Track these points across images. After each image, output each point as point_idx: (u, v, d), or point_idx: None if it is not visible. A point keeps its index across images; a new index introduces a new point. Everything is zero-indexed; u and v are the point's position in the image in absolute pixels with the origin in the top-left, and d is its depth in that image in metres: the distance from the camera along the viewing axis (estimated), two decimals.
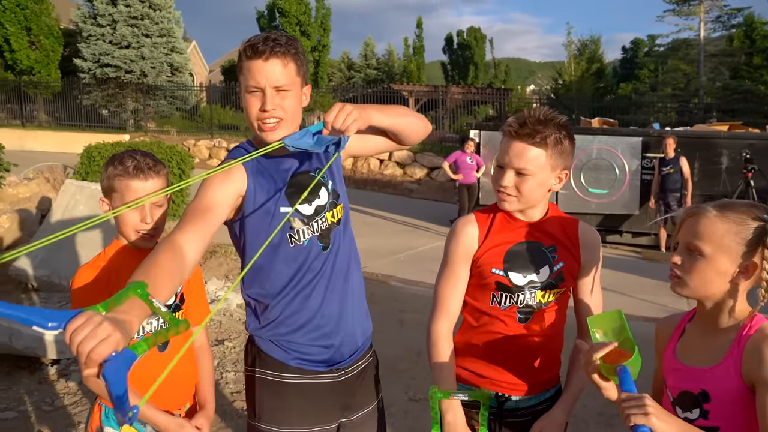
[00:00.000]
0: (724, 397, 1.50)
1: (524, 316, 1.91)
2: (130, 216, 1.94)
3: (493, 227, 1.94)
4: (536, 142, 1.84)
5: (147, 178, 1.95)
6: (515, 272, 1.89)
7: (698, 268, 1.53)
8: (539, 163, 1.86)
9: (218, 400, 4.06)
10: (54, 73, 25.40)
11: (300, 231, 1.87)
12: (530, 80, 67.37)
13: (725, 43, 28.94)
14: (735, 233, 1.50)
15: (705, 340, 1.60)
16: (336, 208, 1.96)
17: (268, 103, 1.78)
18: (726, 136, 10.94)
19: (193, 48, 38.19)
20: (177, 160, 9.18)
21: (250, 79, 1.79)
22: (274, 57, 1.76)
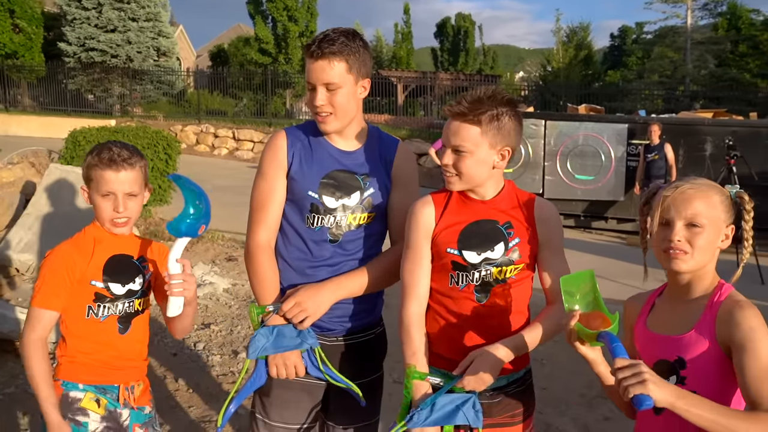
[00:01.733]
0: (699, 363, 1.55)
1: (481, 294, 1.92)
2: (104, 205, 2.03)
3: (448, 207, 1.97)
4: (469, 119, 1.87)
5: (119, 169, 2.01)
6: (469, 250, 1.92)
7: (701, 241, 1.59)
8: (475, 141, 1.88)
9: (204, 383, 4.11)
10: (37, 57, 25.06)
11: (317, 217, 2.06)
12: (519, 67, 67.27)
13: (711, 31, 29.04)
14: (720, 202, 1.61)
15: (676, 310, 1.66)
16: (363, 215, 2.10)
17: (317, 98, 2.01)
18: (710, 123, 11.03)
19: (180, 32, 37.83)
20: (163, 144, 9.13)
21: (307, 77, 2.04)
22: (322, 58, 1.98)
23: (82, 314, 2.02)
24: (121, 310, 2.07)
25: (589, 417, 3.89)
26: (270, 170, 2.09)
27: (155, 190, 9.12)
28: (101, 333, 2.04)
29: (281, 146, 2.09)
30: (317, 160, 2.08)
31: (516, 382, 2.00)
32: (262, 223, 2.09)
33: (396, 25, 35.23)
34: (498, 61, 39.58)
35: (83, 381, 2.04)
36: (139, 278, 2.12)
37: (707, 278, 1.64)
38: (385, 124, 21.09)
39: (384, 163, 2.15)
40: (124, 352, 2.09)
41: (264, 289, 2.06)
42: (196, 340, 4.77)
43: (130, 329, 2.10)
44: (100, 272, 2.03)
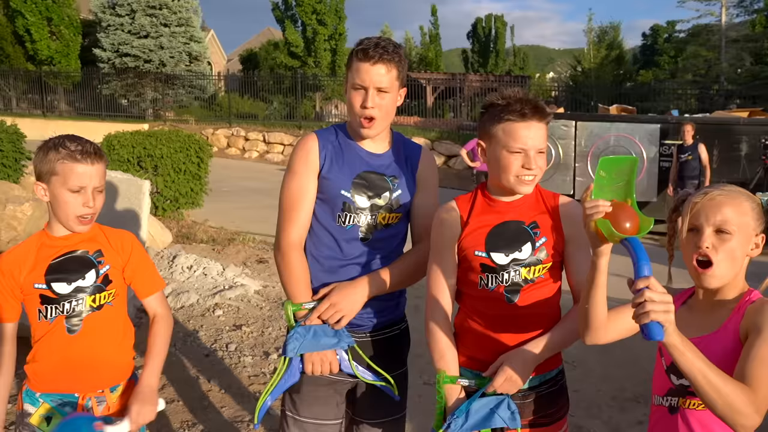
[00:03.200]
0: (719, 359, 1.52)
1: (511, 295, 1.94)
2: (73, 201, 1.94)
3: (474, 211, 1.99)
4: (545, 121, 1.94)
5: (93, 162, 1.96)
6: (497, 252, 1.94)
7: (730, 249, 1.57)
8: (545, 142, 1.95)
9: (236, 384, 4.16)
10: (74, 63, 25.63)
11: (348, 216, 2.12)
12: (549, 67, 66.76)
13: (748, 28, 28.41)
14: (750, 209, 1.59)
15: (703, 315, 1.65)
16: (391, 214, 2.17)
17: (369, 100, 2.06)
18: (745, 123, 10.80)
19: (211, 37, 38.31)
20: (195, 148, 9.27)
21: (357, 78, 2.07)
22: (380, 62, 2.06)
23: (35, 318, 1.99)
24: (68, 309, 1.97)
25: (621, 420, 3.85)
26: (302, 170, 2.13)
27: (187, 193, 9.25)
28: (52, 336, 1.98)
29: (312, 147, 2.14)
30: (348, 162, 2.14)
31: (548, 382, 2.01)
32: (294, 222, 2.13)
33: (422, 27, 35.23)
34: (528, 61, 39.27)
35: (43, 389, 2.01)
36: (91, 273, 2.01)
37: (737, 287, 1.62)
38: (415, 126, 21.08)
39: (409, 165, 2.23)
40: (81, 353, 1.99)
41: (297, 286, 2.10)
42: (228, 341, 4.83)
43: (83, 328, 1.99)
44: (42, 274, 1.96)
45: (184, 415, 3.69)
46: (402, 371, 2.29)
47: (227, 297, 5.74)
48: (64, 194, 1.93)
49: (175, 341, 4.77)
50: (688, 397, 1.60)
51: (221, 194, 11.53)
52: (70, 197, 1.93)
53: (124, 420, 1.90)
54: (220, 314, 5.40)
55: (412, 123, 21.85)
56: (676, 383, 1.63)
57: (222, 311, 5.45)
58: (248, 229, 8.86)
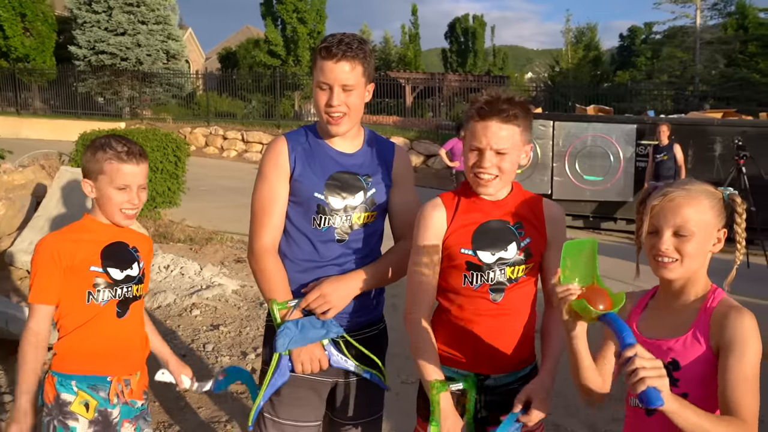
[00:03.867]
0: (692, 365, 1.56)
1: (496, 294, 1.94)
2: (118, 197, 2.08)
3: (460, 208, 1.98)
4: (509, 118, 1.87)
5: (139, 162, 2.11)
6: (483, 251, 1.94)
7: (691, 247, 1.59)
8: (515, 140, 1.91)
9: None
10: (49, 60, 25.26)
11: (323, 218, 2.11)
12: (528, 68, 67.16)
13: (721, 31, 28.86)
14: (710, 207, 1.60)
15: (669, 315, 1.67)
16: (366, 214, 2.16)
17: (334, 99, 2.05)
18: (719, 123, 10.98)
19: (189, 35, 38.00)
20: (173, 147, 9.19)
21: (321, 77, 2.06)
22: (344, 60, 2.03)
23: (82, 300, 2.06)
24: (120, 294, 2.12)
25: (598, 418, 3.88)
26: (272, 174, 2.12)
27: (164, 192, 9.17)
28: (100, 318, 2.08)
29: (282, 150, 2.13)
30: (320, 163, 2.13)
31: (523, 379, 2.02)
32: (267, 226, 2.12)
33: (403, 26, 35.25)
34: (507, 62, 39.46)
35: (78, 371, 2.06)
36: (136, 265, 2.18)
37: (699, 282, 1.65)
38: (394, 126, 21.10)
39: (383, 163, 2.23)
40: (122, 337, 2.14)
41: (276, 288, 2.09)
42: (206, 341, 4.80)
43: (128, 314, 2.15)
44: (98, 258, 2.08)
45: (160, 416, 3.65)
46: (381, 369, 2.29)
47: (204, 297, 5.70)
48: (110, 191, 2.08)
49: None
50: None
51: (199, 193, 11.44)
52: (116, 194, 2.08)
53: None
54: (198, 314, 5.36)
55: (391, 122, 21.87)
56: None
57: (199, 311, 5.41)
58: (226, 228, 8.80)
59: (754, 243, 8.45)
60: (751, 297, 5.56)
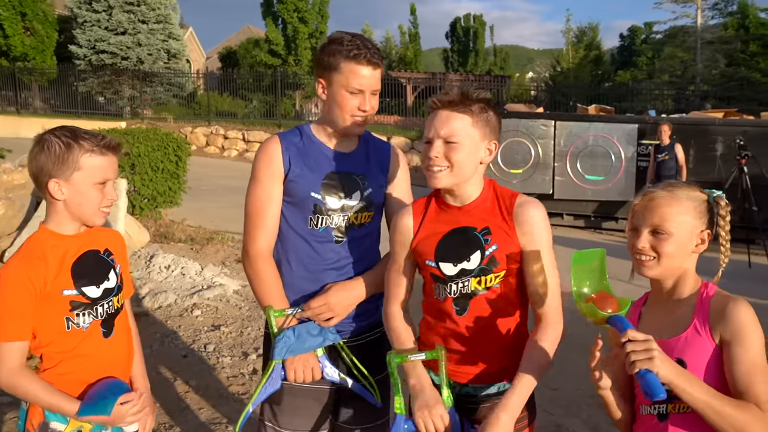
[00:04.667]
0: (698, 360, 1.57)
1: (460, 307, 1.87)
2: (96, 196, 1.86)
3: (427, 216, 1.94)
4: (460, 109, 1.83)
5: (117, 153, 1.91)
6: (446, 262, 1.87)
7: (668, 248, 1.62)
8: (466, 130, 1.82)
9: (214, 385, 4.12)
10: (49, 59, 25.23)
11: (320, 218, 2.09)
12: (529, 67, 67.15)
13: (722, 31, 28.84)
14: (692, 208, 1.63)
15: (666, 315, 1.68)
16: (364, 213, 2.14)
17: (367, 104, 2.07)
18: (720, 123, 10.95)
19: (189, 34, 37.98)
20: (173, 146, 9.18)
21: (354, 82, 2.04)
22: (378, 68, 2.08)
23: (61, 329, 1.84)
24: (102, 312, 1.90)
25: (600, 418, 3.87)
26: (265, 176, 2.09)
27: (165, 192, 9.16)
28: (87, 343, 1.88)
29: (275, 151, 2.09)
30: (315, 163, 2.11)
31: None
32: (261, 229, 2.09)
33: (401, 26, 35.20)
34: (509, 61, 39.44)
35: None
36: (112, 273, 1.96)
37: (689, 282, 1.67)
38: (395, 125, 21.08)
39: (378, 163, 2.21)
40: (112, 357, 1.95)
41: (271, 294, 2.07)
42: (207, 342, 4.79)
43: (115, 331, 1.95)
44: (69, 278, 1.84)
45: (161, 417, 3.64)
46: (383, 375, 2.26)
47: (206, 297, 5.69)
48: (88, 189, 1.84)
49: (152, 342, 4.72)
50: (676, 401, 1.58)
51: (200, 193, 11.43)
52: (94, 191, 1.85)
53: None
54: (199, 314, 5.35)
55: (392, 122, 21.85)
56: None
57: (200, 311, 5.40)
58: (227, 228, 8.79)
59: (755, 243, 8.42)
60: (752, 297, 5.54)
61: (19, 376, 1.78)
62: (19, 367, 1.78)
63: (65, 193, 1.83)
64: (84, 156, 1.83)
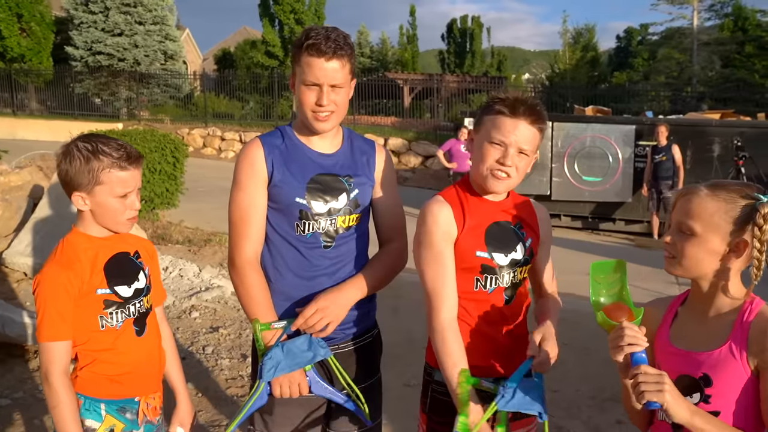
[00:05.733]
0: (727, 382, 1.49)
1: (509, 296, 1.93)
2: (120, 206, 1.90)
3: (467, 208, 1.92)
4: (537, 122, 1.86)
5: (138, 166, 1.93)
6: (498, 252, 1.90)
7: (689, 247, 1.54)
8: (536, 145, 1.90)
9: (213, 387, 4.10)
10: (46, 61, 25.20)
11: (307, 224, 2.02)
12: (525, 69, 67.26)
13: (718, 32, 28.94)
14: (724, 212, 1.51)
15: (702, 324, 1.59)
16: (351, 216, 2.08)
17: (324, 98, 1.96)
18: (717, 124, 10.99)
19: (186, 36, 37.96)
20: (171, 148, 9.15)
21: (310, 75, 1.95)
22: (335, 58, 1.94)
23: (95, 327, 1.91)
24: (134, 312, 1.98)
25: (601, 420, 3.86)
26: (248, 182, 2.02)
27: (163, 194, 9.14)
28: (120, 341, 1.94)
29: (257, 156, 2.02)
30: (299, 166, 2.03)
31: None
32: (247, 237, 2.02)
33: (401, 27, 35.20)
34: (505, 63, 39.45)
35: (107, 395, 1.94)
36: (141, 274, 2.03)
37: (730, 291, 1.55)
38: (392, 127, 21.08)
39: (364, 162, 2.15)
40: (145, 355, 2.02)
41: (259, 306, 2.00)
42: (205, 344, 4.77)
43: (147, 330, 2.02)
44: (102, 278, 1.91)
45: None
46: (376, 378, 2.24)
47: (204, 299, 5.67)
48: (111, 202, 1.89)
49: None
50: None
51: (197, 194, 11.41)
52: (119, 203, 1.90)
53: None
54: (197, 316, 5.33)
55: (389, 123, 21.85)
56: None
57: (198, 313, 5.38)
58: (225, 229, 8.73)
59: None
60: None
61: (62, 383, 1.82)
62: (65, 372, 1.85)
63: (88, 204, 1.90)
64: (104, 171, 1.86)
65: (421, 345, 1.96)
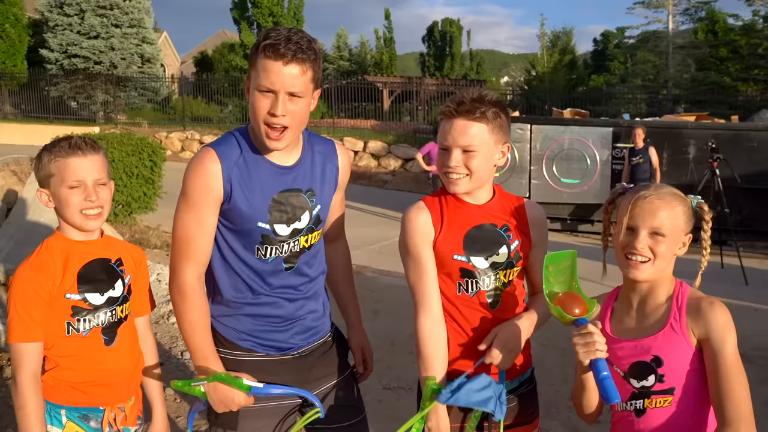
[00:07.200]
0: (675, 358, 1.61)
1: (493, 299, 1.91)
2: (73, 197, 1.86)
3: (445, 213, 1.92)
4: (476, 117, 1.84)
5: (86, 154, 1.87)
6: (477, 256, 1.89)
7: (663, 249, 1.64)
8: (483, 138, 1.86)
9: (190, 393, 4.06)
10: (20, 63, 24.82)
11: (269, 248, 1.89)
12: (504, 72, 67.70)
13: (692, 36, 29.35)
14: (681, 212, 1.67)
15: (641, 313, 1.71)
16: (313, 234, 1.96)
17: (279, 108, 1.75)
18: (693, 127, 11.13)
19: (164, 39, 37.65)
20: (148, 152, 9.06)
21: (264, 80, 1.74)
22: (294, 62, 1.73)
23: (61, 332, 1.86)
24: (103, 320, 1.91)
25: (579, 421, 3.89)
26: (200, 200, 1.83)
27: (140, 198, 9.05)
28: (86, 349, 1.89)
29: (214, 174, 1.81)
30: (259, 185, 1.85)
31: (526, 382, 2.02)
32: (192, 259, 1.85)
33: (377, 30, 35.26)
34: (483, 66, 39.65)
35: (68, 402, 1.91)
36: (119, 283, 1.97)
37: (666, 282, 1.70)
38: (372, 130, 21.09)
39: (327, 169, 2.00)
40: (113, 365, 1.95)
41: (197, 336, 1.84)
42: (183, 349, 4.73)
43: (117, 340, 1.95)
44: (74, 283, 1.87)
45: None
46: (349, 372, 2.14)
47: None
48: (64, 192, 1.86)
49: None
50: (653, 396, 1.64)
51: (175, 199, 11.26)
52: (70, 194, 1.86)
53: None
54: (175, 321, 5.28)
55: (369, 126, 21.87)
56: (637, 386, 1.67)
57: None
58: None
59: (727, 244, 8.56)
60: (725, 297, 5.62)
61: (30, 385, 1.80)
62: (35, 374, 1.82)
63: (52, 202, 1.88)
64: (53, 161, 1.86)
65: (403, 348, 1.95)
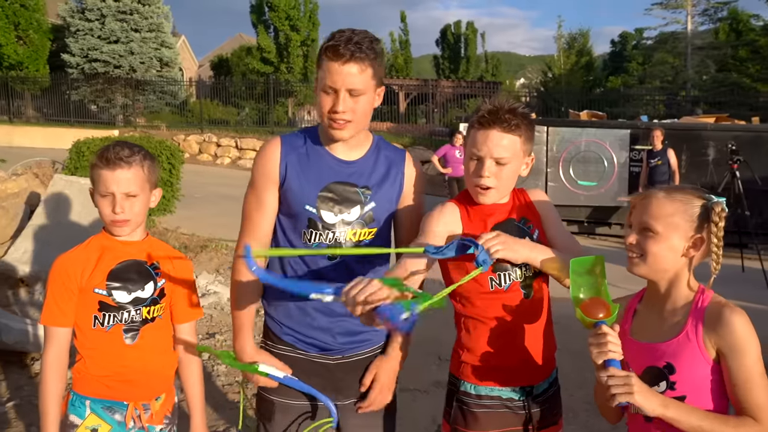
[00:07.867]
0: (688, 367, 1.59)
1: (527, 290, 1.90)
2: (103, 206, 1.98)
3: (471, 209, 1.94)
4: (512, 129, 1.86)
5: (115, 168, 1.94)
6: None
7: (652, 246, 1.63)
8: (516, 151, 1.88)
9: (211, 392, 4.09)
10: (42, 68, 25.19)
11: (314, 233, 1.95)
12: (520, 74, 67.43)
13: (712, 36, 29.07)
14: (683, 211, 1.62)
15: (660, 317, 1.69)
16: (363, 230, 1.97)
17: (340, 105, 1.84)
18: (712, 128, 11.03)
19: (182, 42, 37.98)
20: (167, 154, 9.16)
21: (327, 79, 1.84)
22: (353, 62, 1.82)
23: (88, 324, 1.96)
24: (126, 319, 1.98)
25: (598, 424, 3.88)
26: (259, 181, 1.97)
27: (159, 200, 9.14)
28: (108, 344, 1.97)
29: (273, 156, 1.96)
30: (315, 172, 1.94)
31: (553, 384, 2.05)
32: (248, 235, 1.99)
33: (392, 33, 35.27)
34: (500, 68, 39.54)
35: (93, 394, 1.98)
36: (150, 285, 2.04)
37: (683, 286, 1.66)
38: (387, 132, 21.13)
39: (391, 173, 2.03)
40: (135, 363, 2.00)
41: (236, 309, 2.03)
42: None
43: (139, 339, 2.01)
44: (104, 280, 1.96)
45: None
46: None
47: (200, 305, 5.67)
48: (98, 199, 1.99)
49: None
50: None
51: (193, 201, 11.40)
52: (101, 202, 1.98)
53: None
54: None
55: (385, 129, 21.91)
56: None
57: None
58: (221, 235, 8.76)
59: (748, 247, 8.46)
60: (746, 301, 5.56)
61: (50, 366, 1.93)
62: (58, 356, 1.94)
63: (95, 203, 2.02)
64: (93, 168, 1.98)
65: (419, 349, 1.96)
